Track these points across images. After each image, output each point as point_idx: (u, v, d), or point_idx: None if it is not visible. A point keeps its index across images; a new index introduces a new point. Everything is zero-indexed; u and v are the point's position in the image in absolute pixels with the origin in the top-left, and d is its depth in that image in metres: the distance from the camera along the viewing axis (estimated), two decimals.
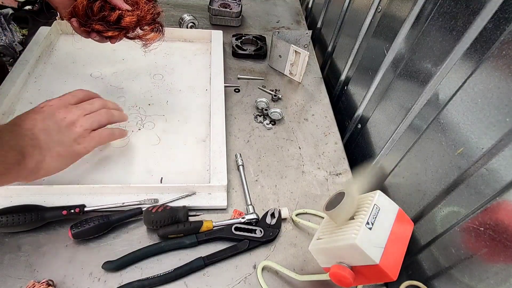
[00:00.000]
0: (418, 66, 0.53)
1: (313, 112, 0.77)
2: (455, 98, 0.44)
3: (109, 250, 0.50)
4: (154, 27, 0.64)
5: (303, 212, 0.58)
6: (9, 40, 0.77)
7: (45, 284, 0.44)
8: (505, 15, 0.37)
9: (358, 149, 0.73)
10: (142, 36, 0.63)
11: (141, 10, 0.61)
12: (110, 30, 0.59)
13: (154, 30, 0.64)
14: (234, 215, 0.56)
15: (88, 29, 0.59)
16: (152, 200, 0.54)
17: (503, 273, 0.37)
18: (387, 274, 0.38)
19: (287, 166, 0.65)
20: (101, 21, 0.59)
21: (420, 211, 0.51)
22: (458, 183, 0.44)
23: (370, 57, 0.70)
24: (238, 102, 0.77)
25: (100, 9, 0.59)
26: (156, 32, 0.64)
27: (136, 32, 0.63)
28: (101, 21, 0.59)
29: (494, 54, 0.38)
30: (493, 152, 0.38)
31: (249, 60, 0.88)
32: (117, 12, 0.59)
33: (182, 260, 0.50)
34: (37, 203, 0.51)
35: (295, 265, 0.52)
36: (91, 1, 0.59)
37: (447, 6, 0.47)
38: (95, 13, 0.58)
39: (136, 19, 0.60)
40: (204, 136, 0.66)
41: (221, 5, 0.97)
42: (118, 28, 0.60)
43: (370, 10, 0.70)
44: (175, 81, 0.76)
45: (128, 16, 0.59)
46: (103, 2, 0.59)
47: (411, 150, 0.53)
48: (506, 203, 0.37)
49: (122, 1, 0.59)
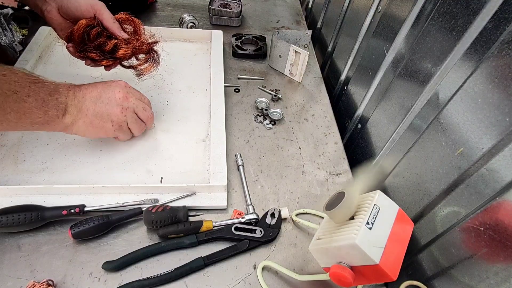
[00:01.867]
0: (418, 66, 0.53)
1: (313, 112, 0.77)
2: (455, 98, 0.44)
3: (109, 250, 0.50)
4: (149, 57, 0.63)
5: (303, 212, 0.58)
6: (9, 40, 0.77)
7: (45, 284, 0.44)
8: (505, 15, 0.37)
9: (358, 149, 0.73)
10: (137, 66, 0.63)
11: (137, 41, 0.61)
12: (104, 59, 0.60)
13: (149, 60, 0.63)
14: (234, 215, 0.56)
15: (83, 55, 0.60)
16: (152, 200, 0.54)
17: (503, 273, 0.37)
18: (387, 274, 0.38)
19: (287, 166, 0.65)
20: (96, 49, 0.59)
21: (420, 211, 0.51)
22: (458, 183, 0.44)
23: (370, 57, 0.70)
24: (238, 102, 0.77)
25: (97, 36, 0.59)
26: (151, 62, 0.64)
27: (131, 61, 0.63)
28: (97, 50, 0.59)
29: (494, 54, 0.38)
30: (493, 152, 0.38)
31: (249, 60, 0.88)
32: (113, 42, 0.59)
33: (182, 260, 0.50)
34: (37, 203, 0.51)
35: (295, 265, 0.52)
36: (89, 27, 0.58)
37: (447, 6, 0.47)
38: (92, 40, 0.58)
39: (131, 51, 0.60)
40: (204, 136, 0.66)
41: (221, 5, 0.97)
42: (112, 58, 0.60)
43: (370, 10, 0.70)
44: (175, 81, 0.76)
45: (122, 48, 0.59)
46: (101, 29, 0.59)
47: (411, 150, 0.53)
48: (506, 203, 0.37)
49: (119, 30, 0.60)
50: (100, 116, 0.53)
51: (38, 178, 0.55)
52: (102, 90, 0.54)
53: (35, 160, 0.58)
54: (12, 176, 0.55)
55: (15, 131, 0.60)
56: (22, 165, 0.57)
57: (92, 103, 0.53)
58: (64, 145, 0.60)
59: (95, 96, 0.53)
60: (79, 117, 0.52)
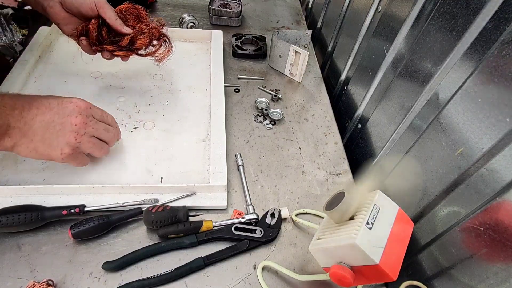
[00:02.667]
0: (418, 66, 0.53)
1: (313, 112, 0.77)
2: (455, 98, 0.44)
3: (109, 250, 0.50)
4: (162, 41, 0.66)
5: (303, 212, 0.58)
6: (9, 40, 0.77)
7: (45, 284, 0.44)
8: (505, 15, 0.37)
9: (358, 149, 0.73)
10: (154, 53, 0.65)
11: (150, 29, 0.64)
12: (123, 50, 0.62)
13: (163, 45, 0.66)
14: (234, 215, 0.56)
15: (100, 49, 0.62)
16: (152, 200, 0.54)
17: (503, 273, 0.37)
18: (387, 274, 0.38)
19: (287, 166, 0.65)
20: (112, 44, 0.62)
21: (420, 211, 0.51)
22: (458, 183, 0.44)
23: (370, 57, 0.70)
24: (238, 102, 0.77)
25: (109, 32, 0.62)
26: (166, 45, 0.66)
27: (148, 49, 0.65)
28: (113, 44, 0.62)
29: (494, 54, 0.38)
30: (493, 152, 0.38)
31: (249, 60, 0.88)
32: (128, 37, 0.61)
33: (182, 260, 0.50)
34: (37, 203, 0.51)
35: (295, 265, 0.52)
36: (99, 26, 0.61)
37: (447, 6, 0.47)
38: (105, 38, 0.61)
39: (149, 39, 0.63)
40: (204, 136, 0.66)
41: (221, 5, 0.97)
42: (130, 49, 0.63)
43: (370, 10, 0.70)
44: (175, 81, 0.76)
45: (139, 39, 0.62)
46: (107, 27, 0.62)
47: (411, 150, 0.53)
48: (506, 203, 0.37)
49: (122, 26, 0.62)
50: (48, 144, 0.47)
51: (38, 178, 0.55)
52: (57, 114, 0.47)
53: (35, 160, 0.57)
54: (12, 176, 0.55)
55: None
56: (22, 165, 0.57)
57: (42, 128, 0.46)
58: None
59: (47, 120, 0.46)
60: (22, 142, 0.46)
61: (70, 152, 0.49)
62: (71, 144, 0.49)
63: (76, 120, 0.48)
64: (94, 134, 0.51)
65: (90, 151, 0.52)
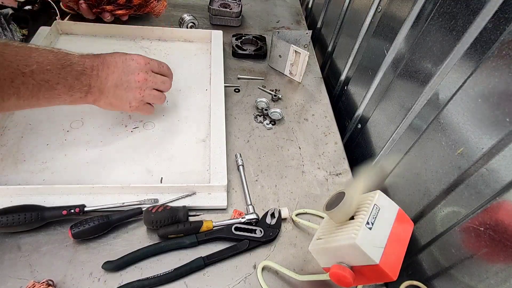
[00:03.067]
0: (418, 66, 0.53)
1: (313, 112, 0.77)
2: (455, 98, 0.44)
3: (109, 250, 0.50)
4: None
5: (303, 212, 0.58)
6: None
7: (45, 284, 0.44)
8: (505, 15, 0.37)
9: (358, 149, 0.73)
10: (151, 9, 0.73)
11: None
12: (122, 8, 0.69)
13: None
14: (234, 215, 0.56)
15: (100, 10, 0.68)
16: (152, 200, 0.54)
17: (503, 273, 0.37)
18: (387, 274, 0.38)
19: (287, 166, 0.65)
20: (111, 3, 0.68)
21: (420, 211, 0.51)
22: (458, 183, 0.44)
23: (370, 57, 0.70)
24: (238, 102, 0.77)
25: None
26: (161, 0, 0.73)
27: None
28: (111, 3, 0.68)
29: (494, 54, 0.38)
30: (493, 152, 0.38)
31: (249, 60, 0.88)
32: None
33: (182, 260, 0.50)
34: (37, 203, 0.51)
35: (295, 265, 0.52)
36: None
37: (447, 6, 0.47)
38: None
39: None
40: (204, 136, 0.66)
41: (221, 5, 0.97)
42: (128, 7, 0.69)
43: (370, 10, 0.70)
44: (175, 81, 0.76)
45: None
46: None
47: (411, 150, 0.53)
48: (506, 203, 0.37)
49: None
50: (119, 99, 0.57)
51: (38, 178, 0.55)
52: (123, 72, 0.56)
53: (35, 160, 0.58)
54: (12, 176, 0.55)
55: None
56: (22, 165, 0.57)
57: (113, 86, 0.55)
58: (64, 145, 0.60)
59: (116, 78, 0.55)
60: (101, 98, 0.55)
61: (137, 104, 0.59)
62: (137, 98, 0.58)
63: (138, 77, 0.57)
64: (154, 87, 0.60)
65: (152, 101, 0.62)
